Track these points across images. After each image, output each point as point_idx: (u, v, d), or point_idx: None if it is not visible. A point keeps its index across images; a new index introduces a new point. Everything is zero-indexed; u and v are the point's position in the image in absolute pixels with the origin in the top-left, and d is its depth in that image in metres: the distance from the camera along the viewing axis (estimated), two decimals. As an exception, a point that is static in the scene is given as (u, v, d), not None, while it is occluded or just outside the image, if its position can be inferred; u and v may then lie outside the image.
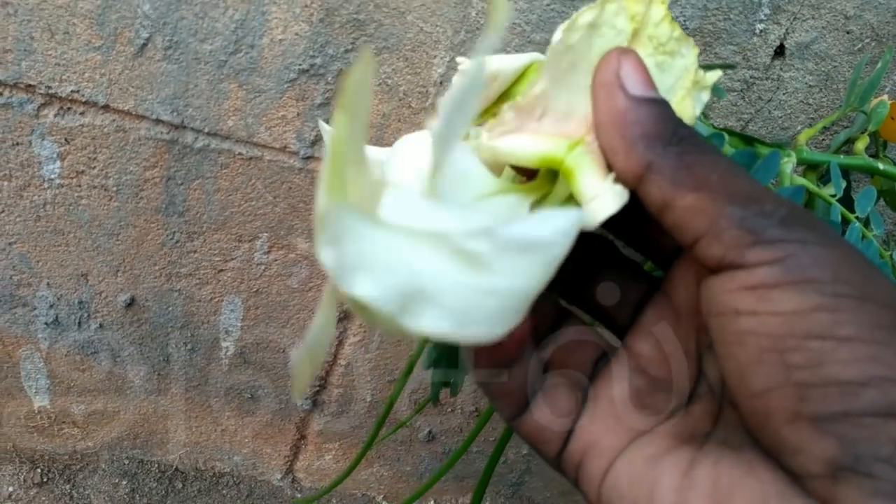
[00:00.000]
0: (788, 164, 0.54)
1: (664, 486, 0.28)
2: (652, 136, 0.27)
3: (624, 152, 0.27)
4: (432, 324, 0.21)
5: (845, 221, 0.53)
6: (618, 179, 0.28)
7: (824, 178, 0.61)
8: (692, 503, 0.27)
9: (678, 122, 0.27)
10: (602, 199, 0.28)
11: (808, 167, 0.60)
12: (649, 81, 0.27)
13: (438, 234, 0.22)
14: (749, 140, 0.53)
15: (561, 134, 0.30)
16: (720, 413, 0.29)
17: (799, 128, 0.83)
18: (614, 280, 0.34)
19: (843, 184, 0.56)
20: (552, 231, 0.23)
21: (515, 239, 0.22)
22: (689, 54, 0.30)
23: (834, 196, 0.55)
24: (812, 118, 0.83)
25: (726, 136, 0.49)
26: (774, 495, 0.25)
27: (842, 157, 0.58)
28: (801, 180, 0.55)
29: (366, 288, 0.20)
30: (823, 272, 0.24)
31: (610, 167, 0.28)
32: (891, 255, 0.52)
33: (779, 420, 0.24)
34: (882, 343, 0.23)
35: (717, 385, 0.30)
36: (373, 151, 0.54)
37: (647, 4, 0.29)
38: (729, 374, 0.26)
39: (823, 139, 0.84)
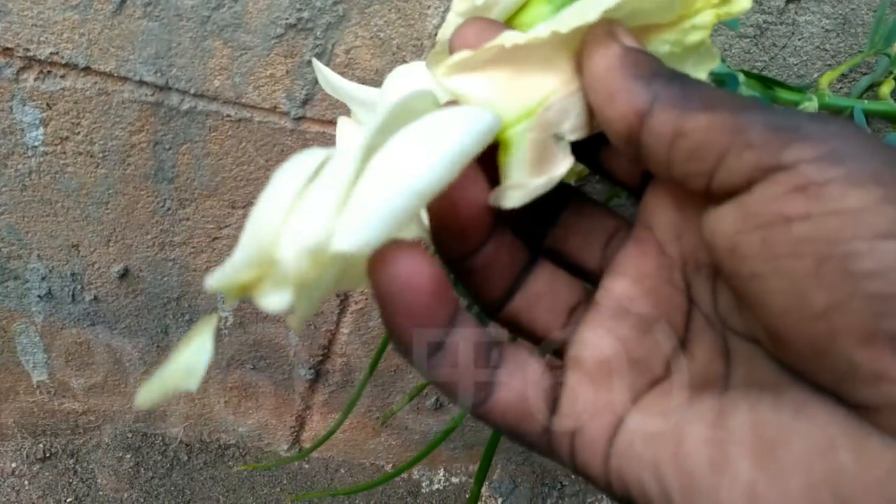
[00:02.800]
0: (810, 108, 0.50)
1: (693, 440, 0.24)
2: (651, 74, 0.25)
3: (625, 91, 0.25)
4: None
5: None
6: (613, 128, 0.26)
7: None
8: (734, 457, 0.23)
9: (674, 69, 0.25)
10: (517, 190, 0.27)
11: (831, 113, 0.56)
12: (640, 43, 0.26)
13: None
14: (768, 83, 0.49)
15: (521, 89, 0.27)
16: (728, 350, 0.26)
17: (815, 75, 0.79)
18: (579, 221, 0.31)
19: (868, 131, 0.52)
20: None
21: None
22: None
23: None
24: (829, 64, 0.78)
25: (741, 77, 0.45)
26: (840, 436, 0.21)
27: (866, 102, 0.55)
28: None
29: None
30: (877, 160, 0.20)
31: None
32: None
33: (847, 342, 0.21)
34: None
35: (714, 316, 0.27)
36: (364, 91, 0.51)
37: None
38: (774, 298, 0.22)
39: (841, 87, 0.80)
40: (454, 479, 1.31)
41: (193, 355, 0.24)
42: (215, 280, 0.22)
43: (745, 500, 0.22)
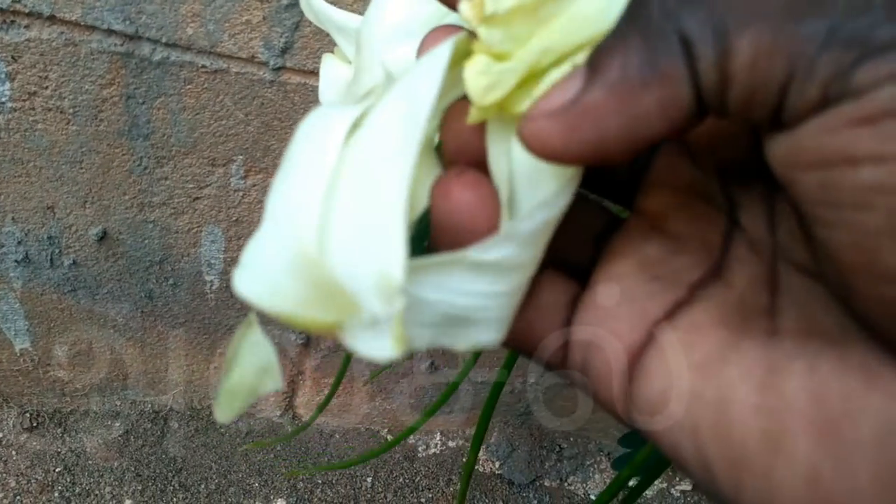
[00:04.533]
0: None
1: (741, 407, 0.20)
2: (646, 41, 0.18)
3: (642, 96, 0.18)
4: (482, 340, 0.22)
5: None
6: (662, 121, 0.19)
7: None
8: (793, 431, 0.19)
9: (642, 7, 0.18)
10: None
11: None
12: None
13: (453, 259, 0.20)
14: None
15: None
16: (777, 282, 0.21)
17: None
18: None
19: None
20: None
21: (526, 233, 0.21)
22: None
23: None
24: None
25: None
26: None
27: None
28: None
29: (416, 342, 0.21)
30: None
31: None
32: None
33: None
34: None
35: (767, 242, 0.22)
36: (347, 18, 0.47)
37: None
38: (840, 250, 0.18)
39: None
40: (451, 444, 1.29)
41: (259, 357, 0.22)
42: (256, 296, 0.20)
43: (806, 487, 0.19)
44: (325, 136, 0.20)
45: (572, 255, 0.25)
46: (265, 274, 0.20)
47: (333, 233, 0.19)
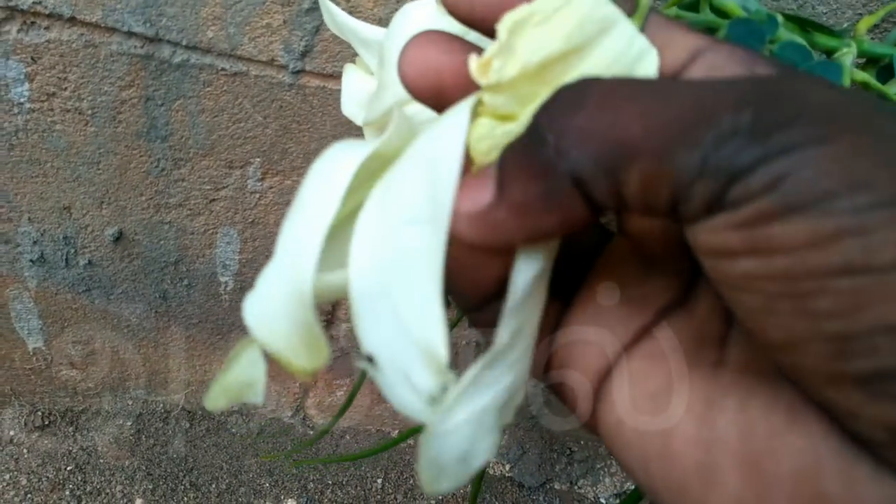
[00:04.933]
0: (848, 56, 0.46)
1: (682, 439, 0.22)
2: (536, 171, 0.20)
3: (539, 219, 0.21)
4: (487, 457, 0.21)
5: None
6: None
7: (881, 76, 0.54)
8: (722, 465, 0.21)
9: (532, 126, 0.21)
10: None
11: (868, 61, 0.52)
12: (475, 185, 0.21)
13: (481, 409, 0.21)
14: (806, 25, 0.45)
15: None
16: (730, 314, 0.23)
17: (845, 24, 0.74)
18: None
19: None
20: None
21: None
22: None
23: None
24: (860, 13, 0.74)
25: (780, 18, 0.41)
26: (830, 457, 0.19)
27: None
28: (862, 75, 0.47)
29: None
30: (834, 181, 0.17)
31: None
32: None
33: (817, 380, 0.19)
34: None
35: None
36: (370, 30, 0.47)
37: None
38: (743, 321, 0.20)
39: (872, 37, 0.75)
40: (462, 446, 1.29)
41: (248, 370, 0.23)
42: (255, 327, 0.21)
43: None
44: (333, 177, 0.21)
45: (567, 266, 0.27)
46: (267, 307, 0.21)
47: (363, 313, 0.20)
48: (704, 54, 0.22)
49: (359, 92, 0.50)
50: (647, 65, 0.22)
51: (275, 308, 0.21)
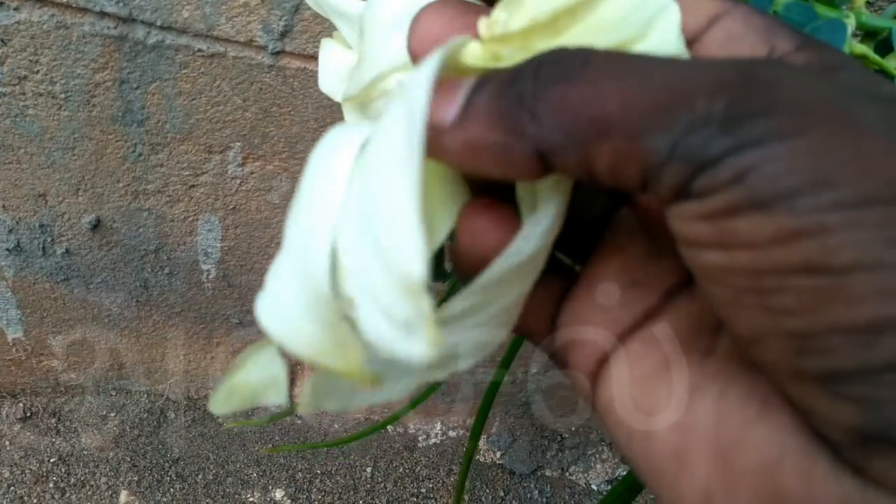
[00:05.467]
0: (847, 26, 0.44)
1: (664, 424, 0.22)
2: (506, 125, 0.19)
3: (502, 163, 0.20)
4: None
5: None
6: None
7: (880, 50, 0.53)
8: (695, 452, 0.21)
9: (516, 79, 0.20)
10: None
11: (866, 35, 0.51)
12: (448, 91, 0.20)
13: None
14: (804, -5, 0.44)
15: None
16: None
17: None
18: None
19: None
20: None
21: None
22: None
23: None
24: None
25: (779, -13, 0.40)
26: (792, 452, 0.19)
27: None
28: (861, 48, 0.46)
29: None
30: (798, 178, 0.17)
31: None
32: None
33: (780, 376, 0.19)
34: None
35: None
36: (351, 4, 0.45)
37: None
38: (716, 311, 0.20)
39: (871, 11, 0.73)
40: (451, 433, 1.28)
41: (266, 370, 0.22)
42: (278, 334, 0.20)
43: None
44: (333, 162, 0.20)
45: (573, 233, 0.26)
46: (285, 309, 0.20)
47: (347, 258, 0.19)
48: (722, 20, 0.22)
49: (337, 67, 0.48)
50: (668, 19, 0.21)
51: (292, 308, 0.20)
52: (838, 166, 0.17)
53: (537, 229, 0.22)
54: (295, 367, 1.14)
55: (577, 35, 0.21)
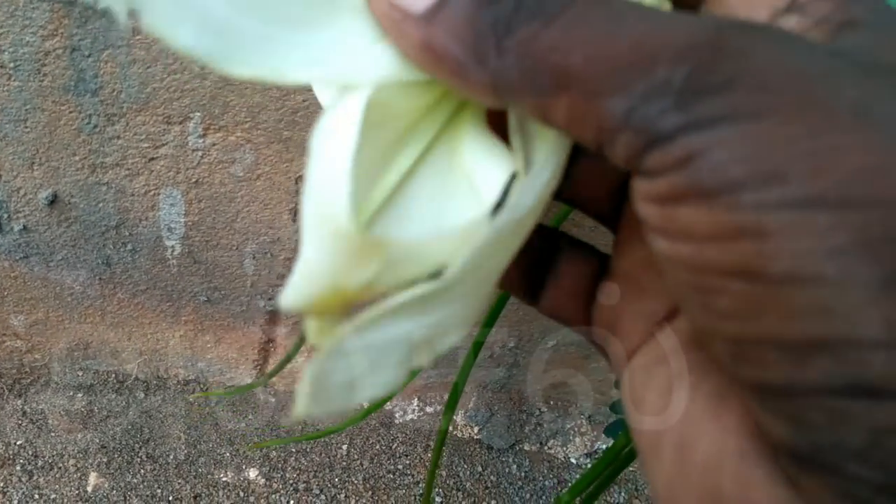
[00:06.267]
0: None
1: (650, 410, 0.22)
2: (469, 45, 0.18)
3: (458, 82, 0.19)
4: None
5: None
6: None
7: None
8: (664, 443, 0.21)
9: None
10: None
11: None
12: None
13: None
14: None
15: None
16: None
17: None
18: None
19: None
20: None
21: None
22: None
23: None
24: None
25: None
26: (733, 454, 0.18)
27: None
28: None
29: None
30: (745, 169, 0.15)
31: None
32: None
33: (726, 377, 0.19)
34: (842, 280, 0.14)
35: None
36: None
37: None
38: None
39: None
40: (428, 409, 1.26)
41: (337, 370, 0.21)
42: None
43: (665, 500, 0.21)
44: (338, 144, 0.19)
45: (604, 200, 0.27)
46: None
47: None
48: None
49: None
50: None
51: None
52: (791, 158, 0.15)
53: (533, 184, 0.20)
54: (267, 345, 1.12)
55: None
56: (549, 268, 0.27)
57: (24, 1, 0.65)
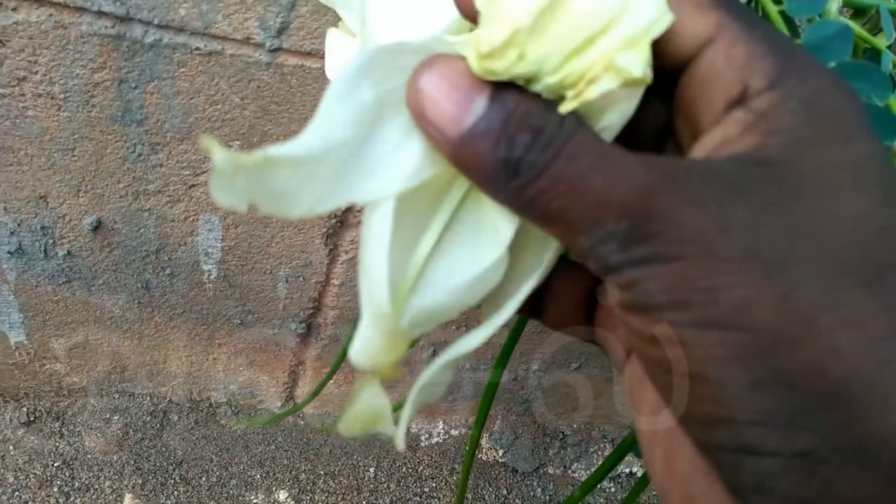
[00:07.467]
0: (834, 2, 0.46)
1: (645, 410, 0.27)
2: (487, 174, 0.23)
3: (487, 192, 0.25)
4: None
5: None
6: None
7: (870, 30, 0.54)
8: (655, 448, 0.26)
9: (510, 139, 0.23)
10: None
11: (855, 12, 0.52)
12: (462, 101, 0.23)
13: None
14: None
15: None
16: None
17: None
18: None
19: (894, 33, 0.48)
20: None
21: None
22: None
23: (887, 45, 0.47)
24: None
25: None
26: (702, 472, 0.23)
27: (893, 1, 0.51)
28: (848, 22, 0.47)
29: None
30: (664, 297, 0.21)
31: None
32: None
33: None
34: (724, 382, 0.21)
35: None
36: None
37: None
38: None
39: None
40: (453, 432, 1.28)
41: (373, 403, 0.27)
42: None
43: (660, 494, 0.26)
44: (378, 224, 0.25)
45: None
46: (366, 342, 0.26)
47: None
48: (710, 48, 0.24)
49: (343, 54, 0.49)
50: (637, 7, 0.23)
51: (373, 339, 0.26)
52: (694, 292, 0.20)
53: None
54: (297, 368, 1.14)
55: (558, 31, 0.23)
56: (547, 287, 0.30)
57: (76, 35, 0.69)
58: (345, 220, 0.91)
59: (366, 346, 0.26)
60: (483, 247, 0.26)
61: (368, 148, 0.25)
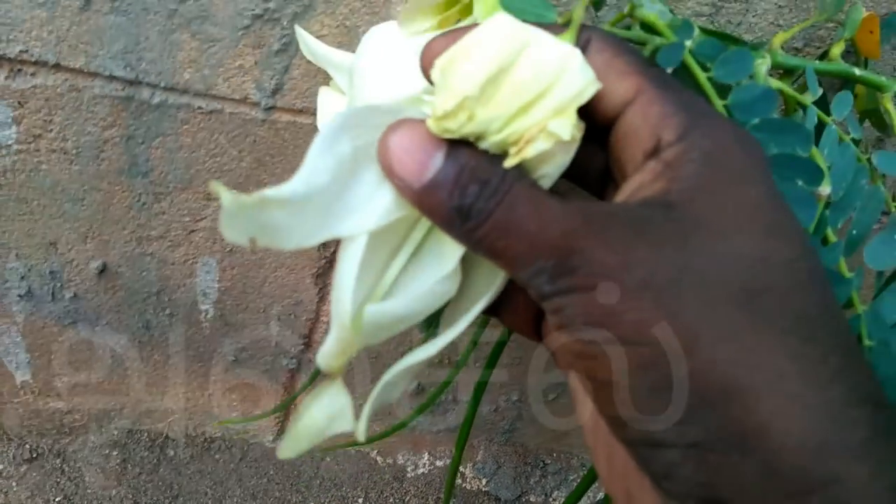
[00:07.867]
0: (763, 65, 0.51)
1: (586, 413, 0.33)
2: (446, 221, 0.29)
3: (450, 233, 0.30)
4: None
5: (821, 125, 0.50)
6: None
7: (799, 88, 0.59)
8: (598, 450, 0.31)
9: (463, 189, 0.28)
10: None
11: (784, 73, 0.58)
12: (423, 158, 0.28)
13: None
14: (724, 38, 0.51)
15: None
16: None
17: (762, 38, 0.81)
18: None
19: (819, 91, 0.53)
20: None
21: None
22: None
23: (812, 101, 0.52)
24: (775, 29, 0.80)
25: (696, 28, 0.46)
26: (635, 468, 0.28)
27: (817, 62, 0.56)
28: (776, 83, 0.53)
29: None
30: (582, 320, 0.26)
31: None
32: (868, 159, 0.50)
33: None
34: (628, 387, 0.26)
35: None
36: (340, 55, 0.53)
37: None
38: None
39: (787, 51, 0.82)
40: (438, 463, 1.33)
41: (335, 403, 0.32)
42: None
43: (605, 488, 0.31)
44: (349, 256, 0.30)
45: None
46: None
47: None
48: (630, 109, 0.28)
49: (333, 110, 0.56)
50: (572, 68, 0.27)
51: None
52: (605, 316, 0.25)
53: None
54: (289, 403, 1.20)
55: (501, 98, 0.27)
56: (502, 304, 0.35)
57: (89, 97, 0.76)
58: (333, 261, 0.97)
59: (329, 351, 0.30)
60: (437, 268, 0.31)
61: (347, 192, 0.29)
